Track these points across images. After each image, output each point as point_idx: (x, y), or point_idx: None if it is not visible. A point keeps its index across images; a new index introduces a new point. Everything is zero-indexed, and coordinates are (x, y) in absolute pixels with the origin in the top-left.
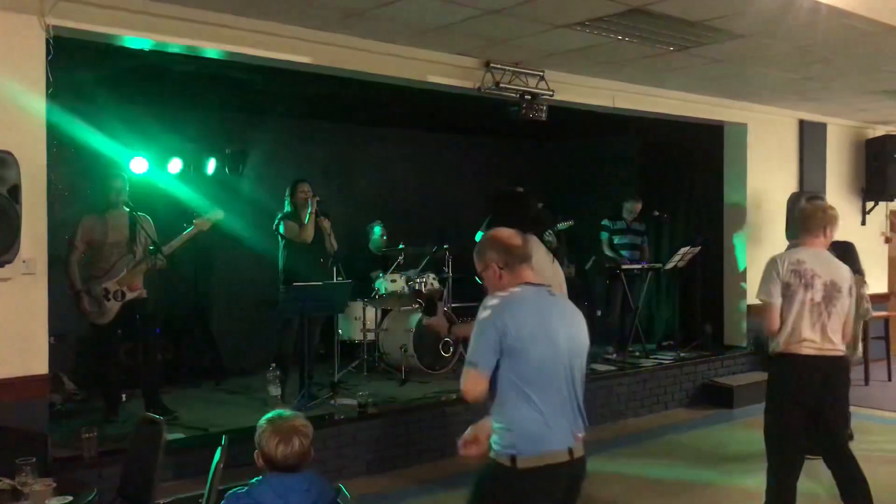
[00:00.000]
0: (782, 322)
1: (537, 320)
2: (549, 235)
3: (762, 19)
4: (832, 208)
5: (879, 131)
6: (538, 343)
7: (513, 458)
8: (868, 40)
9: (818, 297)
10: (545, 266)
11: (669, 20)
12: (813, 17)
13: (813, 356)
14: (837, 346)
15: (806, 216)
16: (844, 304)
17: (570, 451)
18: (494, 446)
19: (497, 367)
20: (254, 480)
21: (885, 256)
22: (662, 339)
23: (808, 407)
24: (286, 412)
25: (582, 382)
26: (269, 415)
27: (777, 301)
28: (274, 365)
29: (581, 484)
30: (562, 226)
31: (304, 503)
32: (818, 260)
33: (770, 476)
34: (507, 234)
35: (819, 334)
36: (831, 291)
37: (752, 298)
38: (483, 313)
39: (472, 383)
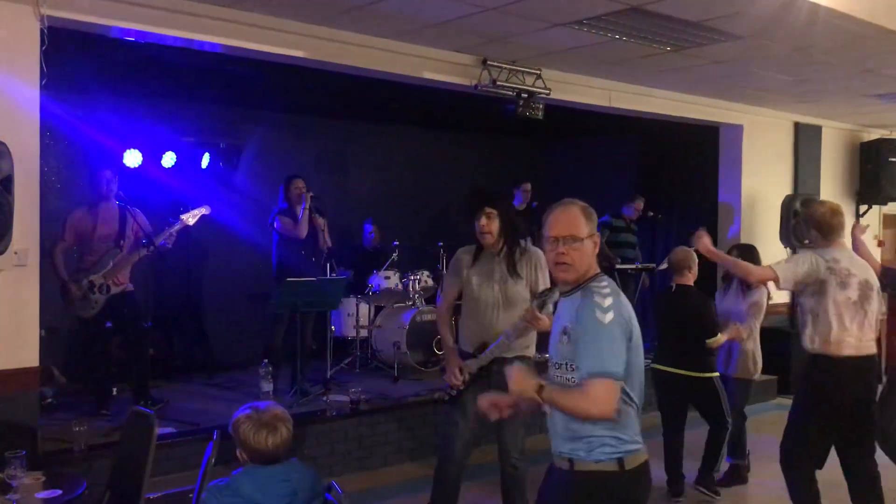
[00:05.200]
0: (815, 319)
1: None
2: None
3: (760, 21)
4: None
5: (874, 135)
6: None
7: (620, 462)
8: (865, 43)
9: (855, 295)
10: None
11: (668, 20)
12: (811, 18)
13: (853, 357)
14: (872, 345)
15: (826, 221)
16: (875, 304)
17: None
18: (589, 455)
19: None
20: (235, 473)
21: (878, 260)
22: (654, 340)
23: (844, 411)
24: (259, 404)
25: None
26: (244, 410)
27: (775, 272)
28: (266, 360)
29: None
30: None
31: (283, 493)
32: (852, 260)
33: (792, 475)
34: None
35: (857, 331)
36: (866, 290)
37: None
38: (606, 315)
39: (613, 396)
